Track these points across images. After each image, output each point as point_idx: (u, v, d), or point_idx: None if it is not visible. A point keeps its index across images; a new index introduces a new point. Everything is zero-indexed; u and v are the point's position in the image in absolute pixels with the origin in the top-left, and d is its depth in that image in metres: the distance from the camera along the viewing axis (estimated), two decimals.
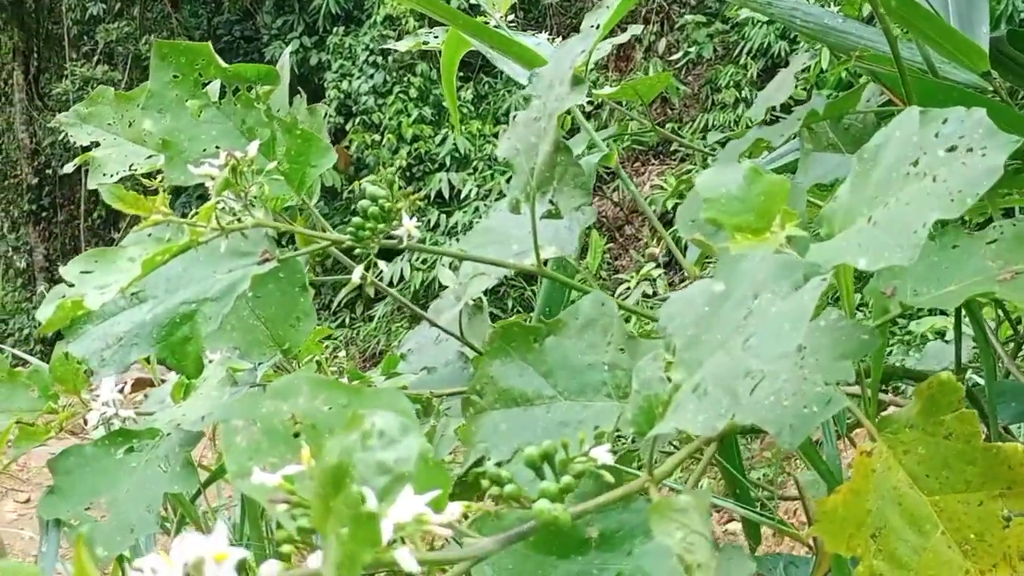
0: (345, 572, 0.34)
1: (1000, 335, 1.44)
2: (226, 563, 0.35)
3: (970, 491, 0.63)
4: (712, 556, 0.48)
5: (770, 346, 0.49)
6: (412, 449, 0.34)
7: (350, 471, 0.35)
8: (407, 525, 0.41)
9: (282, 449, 0.49)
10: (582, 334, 0.68)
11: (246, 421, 0.49)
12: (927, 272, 0.71)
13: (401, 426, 0.35)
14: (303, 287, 0.96)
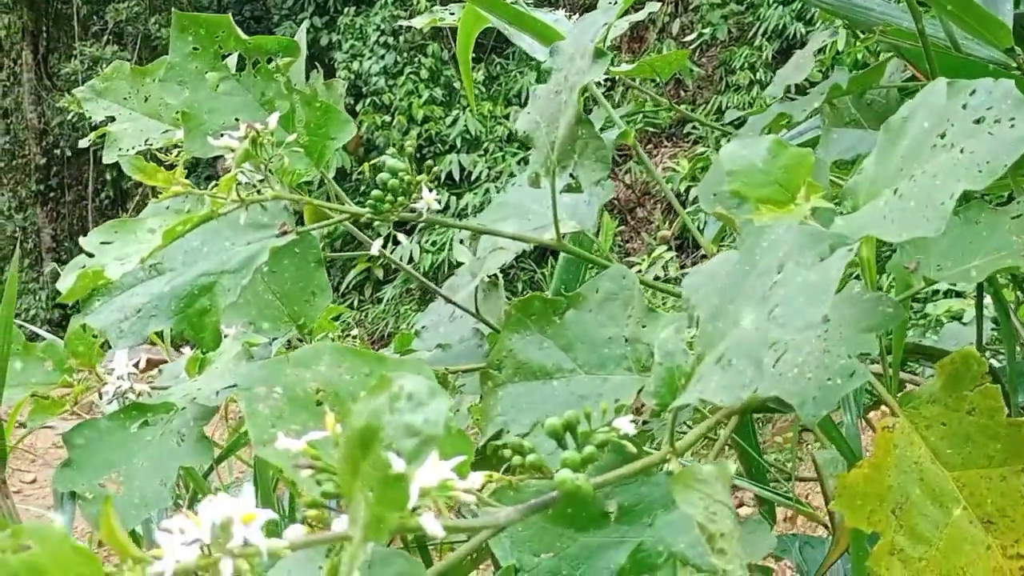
0: (373, 534, 0.34)
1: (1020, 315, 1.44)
2: (254, 524, 0.35)
3: (992, 466, 0.63)
4: (735, 526, 0.48)
5: (796, 316, 0.48)
6: (441, 411, 0.34)
7: (379, 433, 0.35)
8: (432, 490, 0.40)
9: (304, 417, 0.49)
10: (602, 307, 0.68)
11: (268, 388, 0.49)
12: (950, 247, 0.71)
13: (429, 389, 0.34)
14: (319, 262, 0.96)
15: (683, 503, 0.47)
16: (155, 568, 0.35)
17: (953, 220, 0.74)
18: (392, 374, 0.36)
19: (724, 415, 0.62)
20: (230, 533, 0.35)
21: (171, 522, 0.35)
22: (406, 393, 0.35)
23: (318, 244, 0.96)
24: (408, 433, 0.34)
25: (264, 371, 0.49)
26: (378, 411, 0.35)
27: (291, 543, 0.37)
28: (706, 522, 0.46)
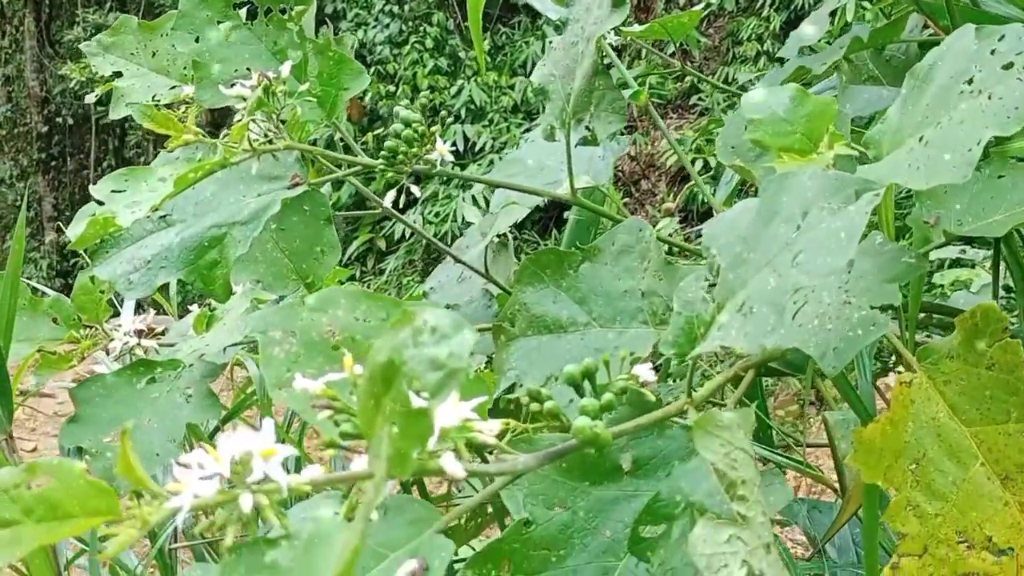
0: (395, 470, 0.34)
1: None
2: (274, 459, 0.35)
3: (1012, 422, 0.62)
4: (756, 473, 0.47)
5: (820, 262, 0.48)
6: (466, 344, 0.33)
7: (401, 368, 0.34)
8: (453, 431, 0.40)
9: (320, 361, 0.48)
10: (618, 260, 0.67)
11: (284, 332, 0.48)
12: (972, 202, 0.70)
13: (454, 322, 0.34)
14: (328, 220, 0.95)
15: (703, 449, 0.46)
16: (173, 503, 0.34)
17: (975, 175, 0.73)
18: (415, 308, 0.35)
19: (741, 367, 0.61)
20: (249, 468, 0.34)
21: (189, 456, 0.34)
22: (430, 327, 0.34)
23: (327, 202, 0.95)
24: (432, 367, 0.34)
25: (279, 315, 0.48)
26: (401, 345, 0.34)
27: (312, 480, 0.37)
28: (726, 469, 0.46)
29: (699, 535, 0.44)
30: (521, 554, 0.61)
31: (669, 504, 0.55)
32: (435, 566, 0.46)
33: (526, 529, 0.61)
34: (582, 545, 0.61)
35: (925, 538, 0.63)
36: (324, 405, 0.41)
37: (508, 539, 0.60)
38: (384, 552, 0.47)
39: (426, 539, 0.47)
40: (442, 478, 0.39)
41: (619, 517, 0.61)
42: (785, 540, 1.75)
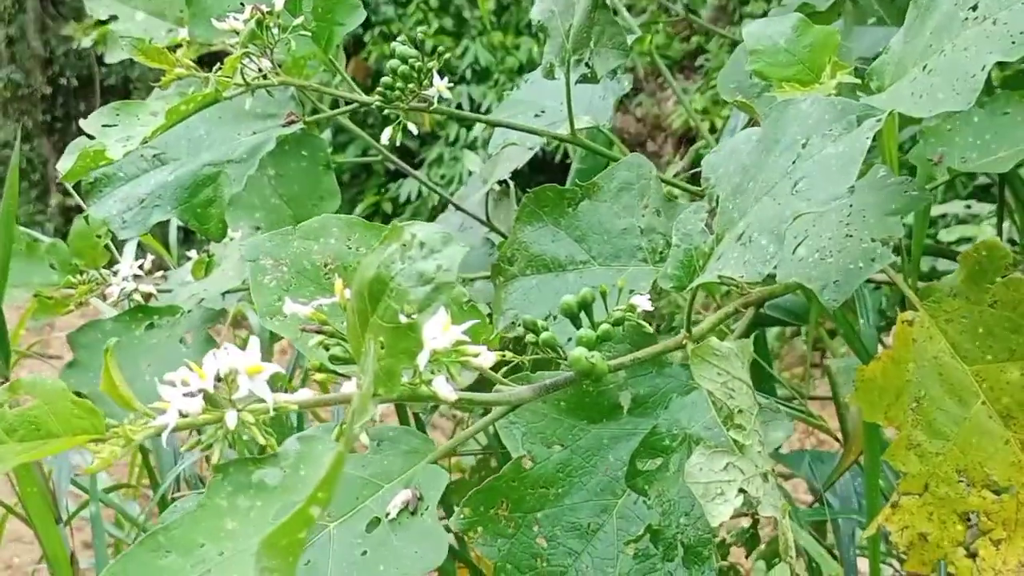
0: (383, 386, 0.33)
1: None
2: (260, 376, 0.34)
3: (1014, 360, 0.61)
4: (753, 402, 0.47)
5: (821, 189, 0.47)
6: (455, 257, 0.32)
7: (389, 283, 0.33)
8: (445, 355, 0.39)
9: (312, 289, 0.48)
10: (618, 197, 0.66)
11: (275, 261, 0.47)
12: (976, 139, 0.69)
13: (443, 236, 0.33)
14: (327, 166, 0.94)
15: (700, 378, 0.46)
16: (158, 420, 0.33)
17: (979, 112, 0.72)
18: (403, 225, 0.34)
19: (740, 304, 0.60)
20: (235, 385, 0.34)
21: (174, 374, 0.34)
22: (418, 241, 0.34)
23: (326, 147, 0.94)
24: (420, 280, 0.33)
25: (271, 243, 0.47)
26: (389, 260, 0.34)
27: (300, 400, 0.36)
28: (724, 398, 0.45)
29: (696, 463, 0.44)
30: (519, 492, 0.60)
31: (667, 437, 0.54)
32: (429, 496, 0.45)
33: (524, 467, 0.60)
34: (580, 483, 0.61)
35: (926, 477, 0.62)
36: (314, 329, 0.40)
37: (505, 477, 0.60)
38: (379, 483, 0.47)
39: (420, 470, 0.47)
40: (435, 403, 0.39)
41: (618, 455, 0.60)
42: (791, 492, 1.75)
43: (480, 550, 0.60)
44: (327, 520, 0.46)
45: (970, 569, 0.61)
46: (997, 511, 0.61)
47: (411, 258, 0.33)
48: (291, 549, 0.26)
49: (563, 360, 0.51)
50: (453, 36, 7.89)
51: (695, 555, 0.51)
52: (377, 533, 0.44)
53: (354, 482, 0.47)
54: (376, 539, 0.44)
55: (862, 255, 0.55)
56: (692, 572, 0.51)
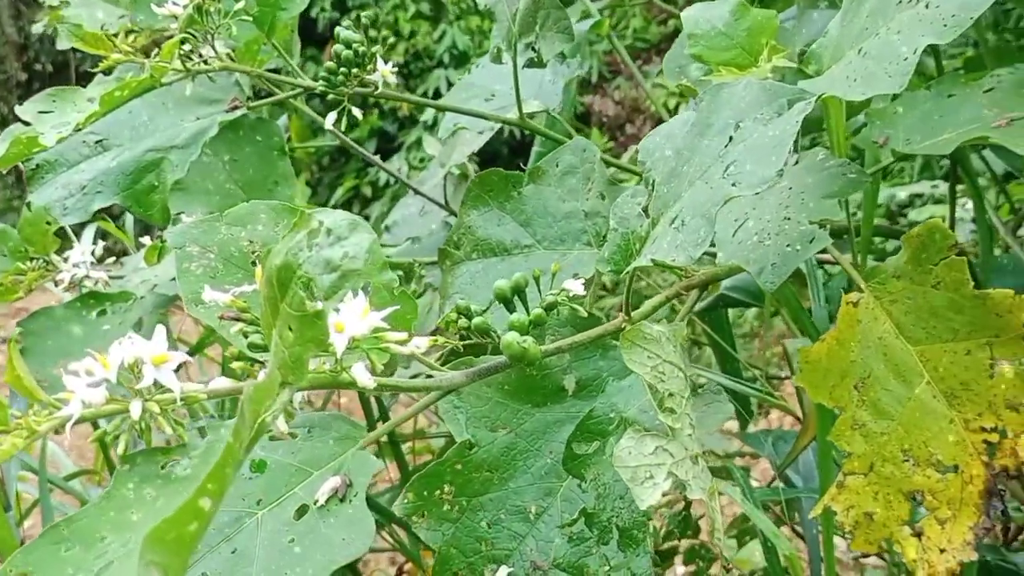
0: (290, 373, 0.33)
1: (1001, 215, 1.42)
2: (166, 366, 0.34)
3: (957, 340, 0.61)
4: (685, 386, 0.46)
5: (751, 172, 0.47)
6: (361, 245, 0.32)
7: (296, 270, 0.33)
8: (363, 340, 0.39)
9: (239, 276, 0.47)
10: (562, 181, 0.66)
11: (202, 248, 0.47)
12: (921, 121, 0.68)
13: (350, 223, 0.33)
14: (281, 150, 0.94)
15: (630, 361, 0.45)
16: (62, 412, 0.33)
17: (925, 94, 0.72)
18: (312, 211, 0.34)
19: (683, 287, 0.60)
20: (140, 374, 0.33)
21: (78, 365, 0.33)
22: (325, 228, 0.33)
23: (281, 132, 0.94)
24: (327, 268, 0.33)
25: (197, 230, 0.47)
26: (296, 248, 0.34)
27: (209, 390, 0.36)
28: (654, 381, 0.45)
29: (625, 447, 0.44)
30: (463, 476, 0.60)
31: (603, 421, 0.54)
32: (358, 482, 0.45)
33: (468, 451, 0.60)
34: (525, 467, 0.61)
35: (871, 456, 0.62)
36: (232, 316, 0.40)
37: (450, 461, 0.60)
38: (308, 470, 0.47)
39: (350, 456, 0.47)
40: (354, 390, 0.39)
41: (562, 438, 0.60)
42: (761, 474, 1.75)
43: (424, 535, 0.60)
44: (256, 508, 0.45)
45: (916, 547, 0.61)
46: (942, 490, 0.61)
47: (318, 245, 0.33)
48: (181, 543, 0.26)
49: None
50: (431, 20, 7.85)
51: (630, 538, 0.51)
52: (305, 520, 0.44)
53: (284, 469, 0.46)
54: (304, 526, 0.44)
55: (799, 237, 0.55)
56: (627, 555, 0.51)
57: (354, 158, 7.34)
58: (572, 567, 0.52)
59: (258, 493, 0.45)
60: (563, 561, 0.53)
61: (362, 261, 0.32)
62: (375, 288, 0.47)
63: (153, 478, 0.34)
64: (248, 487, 0.46)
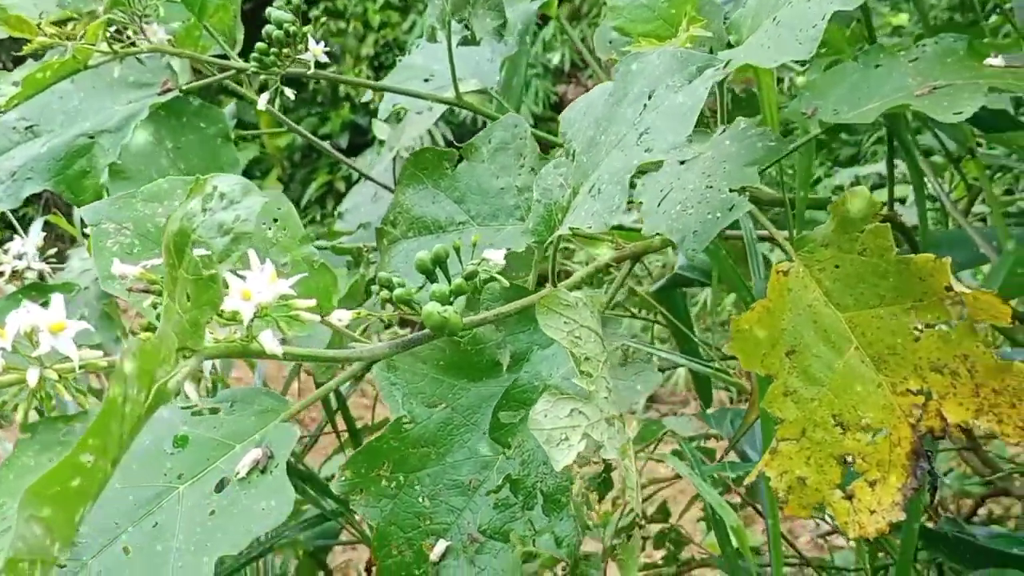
0: (188, 338, 0.33)
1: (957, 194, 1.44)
2: (64, 334, 0.34)
3: (883, 305, 0.62)
4: (602, 350, 0.47)
5: (663, 138, 0.47)
6: (252, 208, 0.33)
7: (191, 235, 0.33)
8: (271, 308, 0.39)
9: (156, 252, 0.47)
10: (494, 158, 0.66)
11: (118, 225, 0.47)
12: (849, 92, 0.69)
13: (243, 187, 0.33)
14: (226, 137, 0.93)
15: (546, 327, 0.46)
16: None
17: (853, 66, 0.73)
18: (207, 177, 0.34)
19: (613, 259, 0.61)
20: (36, 342, 0.33)
21: None
22: (218, 193, 0.34)
23: (225, 118, 0.93)
24: (220, 231, 0.33)
25: (113, 207, 0.47)
26: (191, 213, 0.34)
27: (110, 360, 0.36)
28: (570, 345, 0.46)
29: (540, 410, 0.44)
30: (400, 452, 0.61)
31: (527, 390, 0.55)
32: (279, 453, 0.46)
33: (405, 428, 0.61)
34: (462, 441, 0.61)
35: (802, 422, 0.63)
36: (141, 289, 0.40)
37: (386, 438, 0.60)
38: (230, 443, 0.47)
39: (272, 429, 0.47)
40: (262, 357, 0.39)
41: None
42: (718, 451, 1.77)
43: (363, 512, 0.60)
44: (177, 482, 0.46)
45: (847, 510, 0.62)
46: (871, 453, 0.62)
47: (211, 210, 0.33)
48: (65, 499, 0.26)
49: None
50: (399, 11, 7.83)
51: (554, 502, 0.52)
52: (226, 492, 0.45)
53: (206, 444, 0.47)
54: (225, 498, 0.44)
55: (720, 205, 0.56)
56: (551, 519, 0.52)
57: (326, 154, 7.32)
58: (498, 532, 0.53)
59: (180, 468, 0.46)
60: (489, 527, 0.53)
61: (254, 224, 0.33)
62: (294, 261, 0.47)
63: (53, 445, 0.34)
64: (170, 462, 0.46)
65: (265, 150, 7.26)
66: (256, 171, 7.21)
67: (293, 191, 7.89)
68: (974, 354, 0.60)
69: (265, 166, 7.32)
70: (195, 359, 0.36)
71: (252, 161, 7.18)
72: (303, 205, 7.90)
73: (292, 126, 1.07)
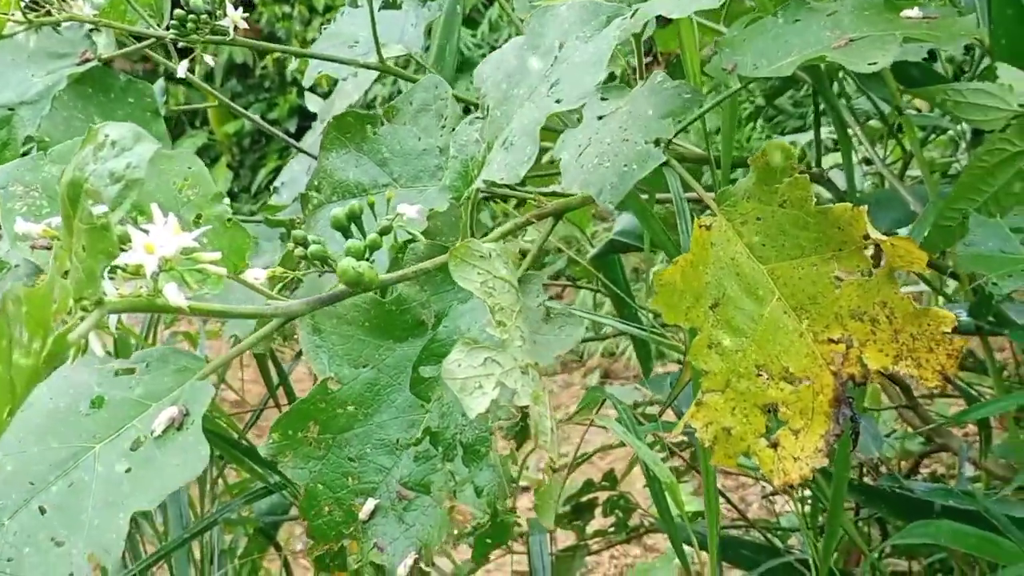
0: (84, 288, 0.33)
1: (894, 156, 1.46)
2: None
3: (804, 256, 0.63)
4: (516, 299, 0.48)
5: (573, 88, 0.48)
6: (144, 155, 0.32)
7: (84, 184, 0.33)
8: (175, 261, 0.39)
9: None
10: (416, 119, 0.66)
11: (26, 187, 0.47)
12: (768, 46, 0.70)
13: (135, 134, 0.33)
14: (155, 112, 0.92)
15: (459, 278, 0.46)
16: None
17: (773, 21, 0.74)
18: (99, 126, 0.34)
19: (534, 216, 0.61)
20: None
21: None
22: (110, 141, 0.34)
23: (154, 93, 0.93)
24: (112, 179, 0.33)
25: (20, 170, 0.47)
26: (83, 162, 0.34)
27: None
28: (484, 295, 0.46)
29: (454, 360, 0.45)
30: (327, 413, 0.61)
31: (447, 344, 0.55)
32: (195, 410, 0.46)
33: (332, 389, 0.61)
34: (389, 401, 0.61)
35: (727, 374, 0.64)
36: (43, 245, 0.40)
37: (313, 399, 0.61)
38: (147, 403, 0.47)
39: (188, 388, 0.47)
40: (169, 312, 0.39)
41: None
42: None
43: (291, 474, 0.60)
44: (93, 442, 0.46)
45: (772, 458, 0.63)
46: (794, 401, 0.63)
47: (103, 158, 0.33)
48: None
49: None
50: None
51: (473, 453, 0.52)
52: (142, 450, 0.45)
53: (122, 404, 0.47)
54: (140, 456, 0.44)
55: (636, 157, 0.56)
56: (471, 469, 0.52)
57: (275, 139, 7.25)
58: (419, 484, 0.54)
59: (96, 428, 0.46)
60: (410, 480, 0.54)
61: (145, 170, 0.33)
62: (206, 220, 0.47)
63: None
64: (86, 423, 0.46)
65: (214, 137, 7.19)
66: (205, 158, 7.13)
67: (244, 177, 7.82)
68: (892, 301, 0.61)
69: (214, 153, 7.25)
70: (98, 312, 0.36)
71: (201, 148, 7.10)
72: (253, 191, 7.83)
73: (240, 111, 1.06)
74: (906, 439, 1.48)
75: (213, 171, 7.08)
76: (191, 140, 7.13)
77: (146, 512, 1.33)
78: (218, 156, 7.21)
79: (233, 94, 7.30)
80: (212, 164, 7.12)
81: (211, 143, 7.23)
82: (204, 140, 7.23)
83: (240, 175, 7.75)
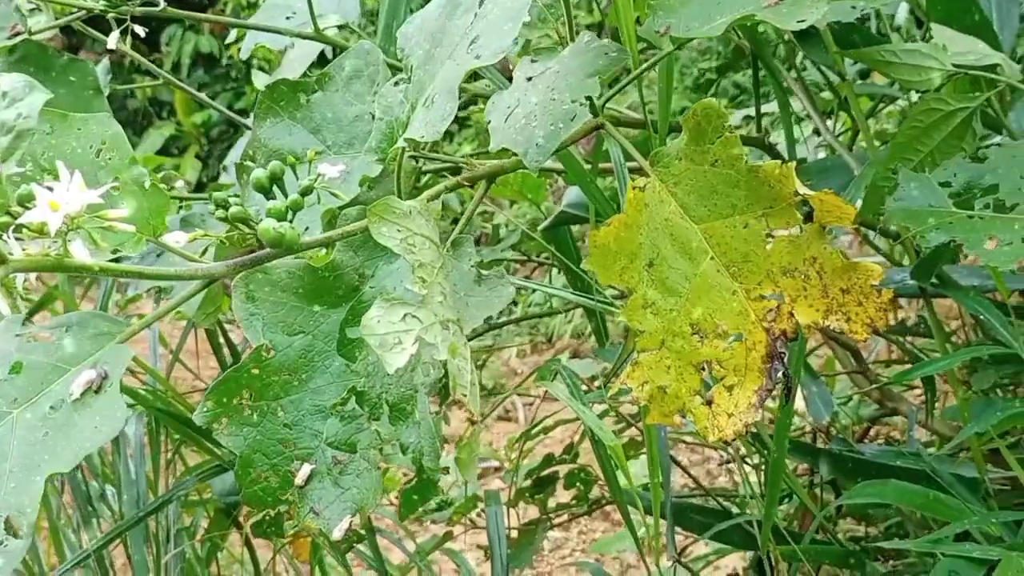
0: None
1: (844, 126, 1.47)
2: None
3: (736, 214, 0.64)
4: (437, 256, 0.48)
5: (491, 44, 0.48)
6: (35, 104, 0.32)
7: None
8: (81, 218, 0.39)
9: None
10: (348, 86, 0.66)
11: None
12: (701, 9, 0.70)
13: (26, 85, 0.33)
14: (97, 90, 0.92)
15: (378, 235, 0.46)
16: None
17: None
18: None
19: (465, 179, 0.61)
20: None
21: None
22: (1, 92, 0.33)
23: (95, 71, 0.92)
24: (3, 130, 0.33)
25: None
26: None
27: None
28: (404, 252, 0.46)
29: (374, 316, 0.45)
30: (262, 380, 0.61)
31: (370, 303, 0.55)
32: (114, 373, 0.45)
33: (266, 356, 0.61)
34: (323, 367, 0.61)
35: (661, 333, 0.65)
36: None
37: (247, 367, 0.60)
38: (66, 367, 0.47)
39: (108, 351, 0.47)
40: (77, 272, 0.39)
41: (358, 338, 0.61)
42: None
43: (225, 441, 0.60)
44: (12, 407, 0.45)
45: (706, 415, 0.64)
46: (728, 359, 0.64)
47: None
48: None
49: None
50: None
51: (400, 411, 0.53)
52: (60, 413, 0.44)
53: (41, 368, 0.46)
54: (59, 419, 0.44)
55: (563, 116, 0.56)
56: (398, 428, 0.52)
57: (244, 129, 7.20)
58: (344, 444, 0.54)
59: (15, 393, 0.45)
60: (335, 439, 0.54)
61: (36, 120, 0.32)
62: (124, 183, 0.47)
63: None
64: (5, 389, 0.46)
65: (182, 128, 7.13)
66: (174, 148, 7.09)
67: (212, 168, 7.76)
68: (822, 256, 0.62)
69: (182, 143, 7.19)
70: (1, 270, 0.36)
71: (169, 139, 7.05)
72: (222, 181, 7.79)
73: (206, 101, 1.06)
74: (861, 407, 1.50)
75: (182, 161, 7.03)
76: (158, 131, 7.07)
77: (102, 493, 1.33)
78: (187, 147, 7.16)
79: (200, 84, 7.25)
80: (181, 154, 7.06)
81: (179, 134, 7.17)
82: (172, 131, 7.17)
83: (208, 165, 7.70)
